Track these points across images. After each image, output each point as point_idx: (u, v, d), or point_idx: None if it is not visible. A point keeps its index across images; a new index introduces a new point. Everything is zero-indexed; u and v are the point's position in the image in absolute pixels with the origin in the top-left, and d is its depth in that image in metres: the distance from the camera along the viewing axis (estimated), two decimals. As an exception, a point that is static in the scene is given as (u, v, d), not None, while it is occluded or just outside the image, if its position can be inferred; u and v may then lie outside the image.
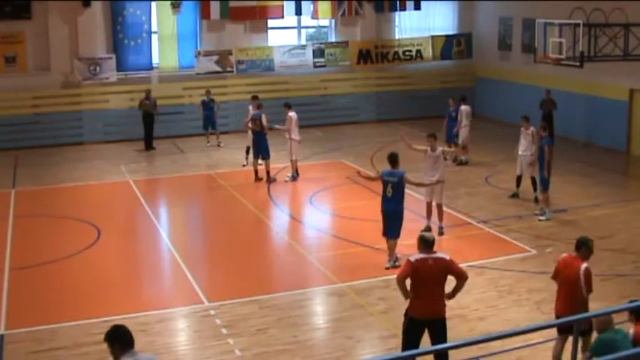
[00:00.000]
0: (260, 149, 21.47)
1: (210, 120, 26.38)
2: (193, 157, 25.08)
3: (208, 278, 14.68)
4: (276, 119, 23.79)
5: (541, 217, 17.70)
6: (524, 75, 28.80)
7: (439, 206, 16.75)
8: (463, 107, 23.24)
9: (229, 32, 29.06)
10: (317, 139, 27.27)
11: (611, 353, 7.49)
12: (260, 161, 21.51)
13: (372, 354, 11.47)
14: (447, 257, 10.00)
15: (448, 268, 9.91)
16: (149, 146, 26.03)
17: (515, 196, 19.38)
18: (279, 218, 18.96)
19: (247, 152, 23.09)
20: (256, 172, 21.59)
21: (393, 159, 14.87)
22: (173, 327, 12.66)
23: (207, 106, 26.23)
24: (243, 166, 23.16)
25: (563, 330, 9.88)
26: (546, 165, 17.55)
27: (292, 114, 21.48)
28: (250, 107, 22.59)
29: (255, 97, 22.54)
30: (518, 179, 19.34)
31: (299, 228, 18.17)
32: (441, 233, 16.45)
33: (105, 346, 11.61)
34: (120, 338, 7.40)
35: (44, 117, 26.90)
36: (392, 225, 14.63)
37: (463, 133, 23.11)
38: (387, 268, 14.51)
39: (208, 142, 26.38)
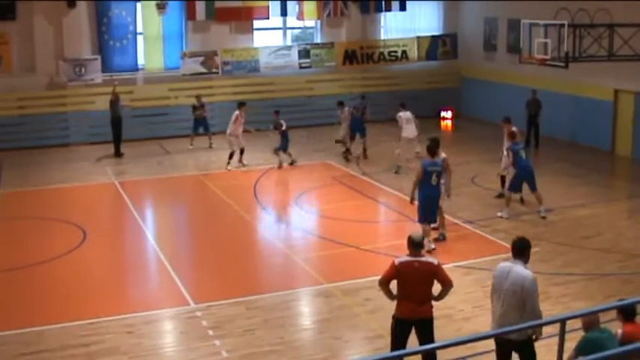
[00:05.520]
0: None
1: (202, 123, 26.30)
2: (179, 158, 25.02)
3: (194, 280, 14.66)
4: (263, 119, 23.86)
5: (544, 214, 17.96)
6: (510, 75, 28.89)
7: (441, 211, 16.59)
8: (401, 114, 22.69)
9: (215, 33, 28.99)
10: (302, 140, 27.25)
11: (596, 352, 7.50)
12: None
13: (359, 354, 11.48)
14: (435, 262, 9.95)
15: (434, 273, 9.86)
16: (119, 151, 25.51)
17: (501, 196, 19.43)
18: (265, 219, 18.95)
19: (230, 157, 23.03)
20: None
21: (434, 148, 15.48)
22: (159, 328, 12.64)
23: (199, 110, 26.17)
24: (228, 170, 23.01)
25: None
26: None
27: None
28: (237, 113, 22.76)
29: (242, 104, 23.10)
30: (503, 179, 19.39)
31: (285, 229, 18.16)
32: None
33: (91, 348, 11.68)
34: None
35: (29, 118, 26.76)
36: (435, 210, 15.63)
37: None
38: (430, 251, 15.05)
39: (191, 145, 26.19)
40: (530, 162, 18.73)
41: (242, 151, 23.34)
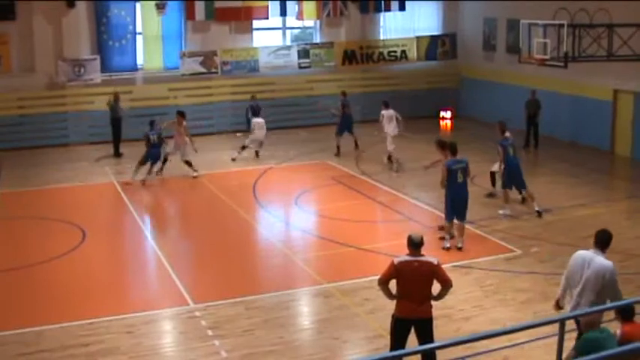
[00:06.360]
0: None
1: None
2: (179, 158, 24.93)
3: (194, 279, 14.66)
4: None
5: (538, 209, 18.04)
6: (509, 75, 28.89)
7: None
8: (384, 112, 23.02)
9: (214, 33, 28.99)
10: (302, 140, 27.27)
11: (595, 352, 7.51)
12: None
13: (358, 354, 11.48)
14: (435, 262, 9.93)
15: (434, 272, 9.86)
16: (118, 151, 25.49)
17: (490, 195, 19.48)
18: (264, 219, 18.93)
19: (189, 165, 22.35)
20: None
21: (454, 148, 15.88)
22: (159, 328, 12.65)
23: (255, 109, 25.41)
24: (194, 177, 22.32)
25: None
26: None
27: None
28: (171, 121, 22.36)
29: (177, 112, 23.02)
30: (492, 176, 19.46)
31: (284, 229, 18.16)
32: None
33: (91, 348, 11.68)
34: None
35: (29, 118, 26.75)
36: (465, 208, 15.88)
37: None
38: (459, 248, 15.66)
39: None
40: (519, 160, 18.68)
41: (164, 160, 22.41)
